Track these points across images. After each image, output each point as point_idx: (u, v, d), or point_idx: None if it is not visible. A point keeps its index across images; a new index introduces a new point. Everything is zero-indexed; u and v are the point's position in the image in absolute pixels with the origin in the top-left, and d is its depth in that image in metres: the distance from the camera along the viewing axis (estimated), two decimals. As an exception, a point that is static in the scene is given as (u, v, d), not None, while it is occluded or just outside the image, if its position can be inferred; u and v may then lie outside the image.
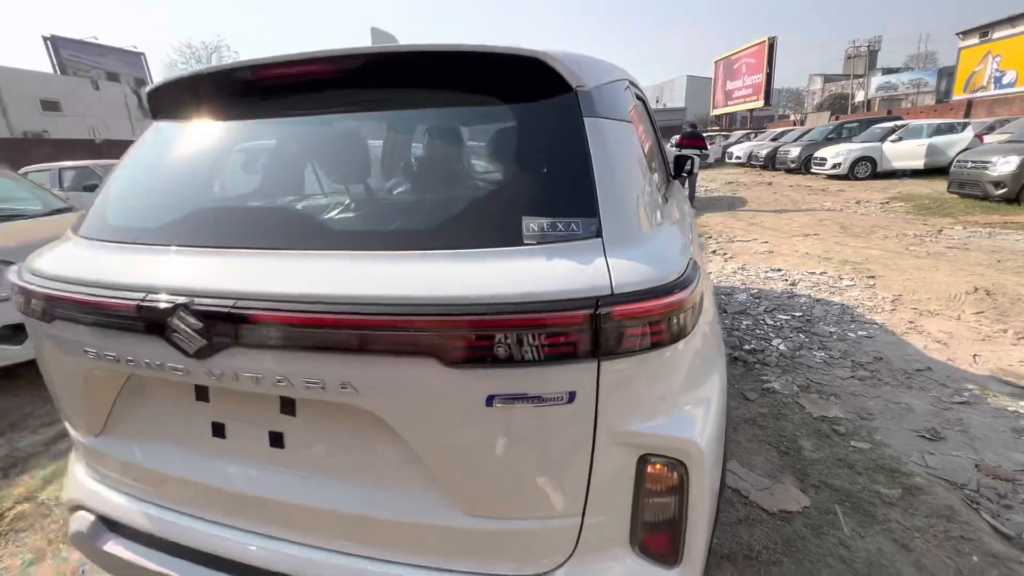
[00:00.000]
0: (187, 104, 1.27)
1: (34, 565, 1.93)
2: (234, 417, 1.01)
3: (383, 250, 0.88)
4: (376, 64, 1.05)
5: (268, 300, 0.82)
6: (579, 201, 0.88)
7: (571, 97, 0.97)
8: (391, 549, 0.94)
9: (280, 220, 1.16)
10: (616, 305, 0.77)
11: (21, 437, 2.87)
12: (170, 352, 0.90)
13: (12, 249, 3.34)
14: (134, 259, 1.03)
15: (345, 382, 0.82)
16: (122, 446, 1.14)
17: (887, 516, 1.93)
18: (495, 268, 0.81)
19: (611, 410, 0.82)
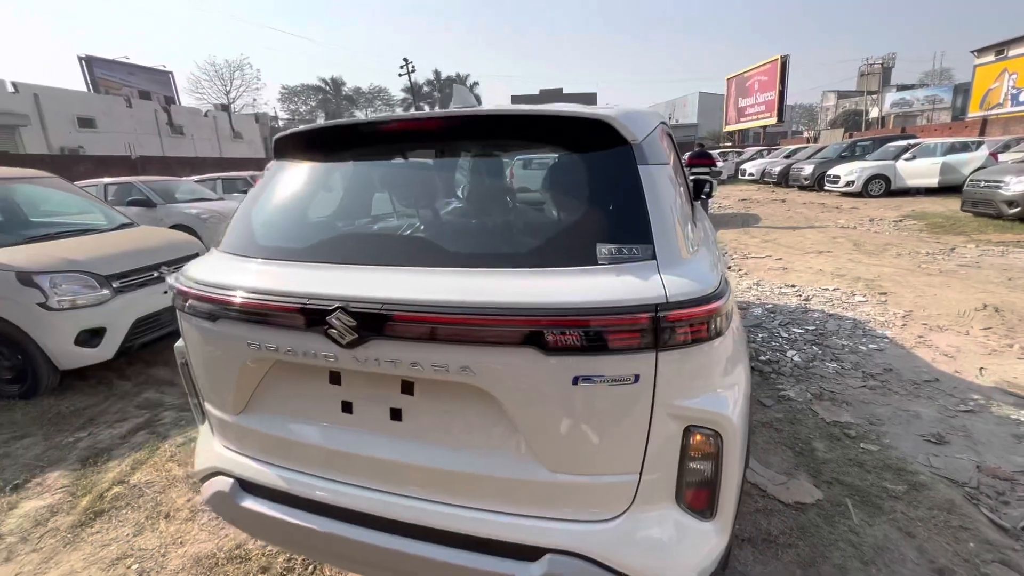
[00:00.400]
0: (307, 149, 1.58)
1: (139, 536, 2.22)
2: (361, 396, 1.29)
3: (494, 267, 1.16)
4: (472, 122, 1.35)
5: (414, 306, 1.11)
6: (638, 232, 1.15)
7: (629, 150, 1.25)
8: (488, 500, 1.20)
9: (408, 244, 1.45)
10: (670, 311, 1.04)
11: (99, 431, 3.18)
12: (325, 344, 1.18)
13: (92, 260, 3.71)
14: (286, 271, 1.32)
15: (465, 366, 1.10)
16: (261, 421, 1.42)
17: (893, 508, 2.14)
18: (578, 282, 1.09)
19: (665, 389, 1.08)
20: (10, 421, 3.30)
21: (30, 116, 23.28)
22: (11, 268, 3.39)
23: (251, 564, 2.01)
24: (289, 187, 1.58)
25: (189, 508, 2.38)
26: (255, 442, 1.45)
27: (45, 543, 2.20)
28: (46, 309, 3.41)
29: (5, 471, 2.75)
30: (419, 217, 1.66)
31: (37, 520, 2.35)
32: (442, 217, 1.63)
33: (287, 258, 1.38)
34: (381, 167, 1.58)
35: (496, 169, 1.65)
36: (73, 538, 2.23)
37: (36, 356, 3.49)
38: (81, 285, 3.58)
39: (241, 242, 1.51)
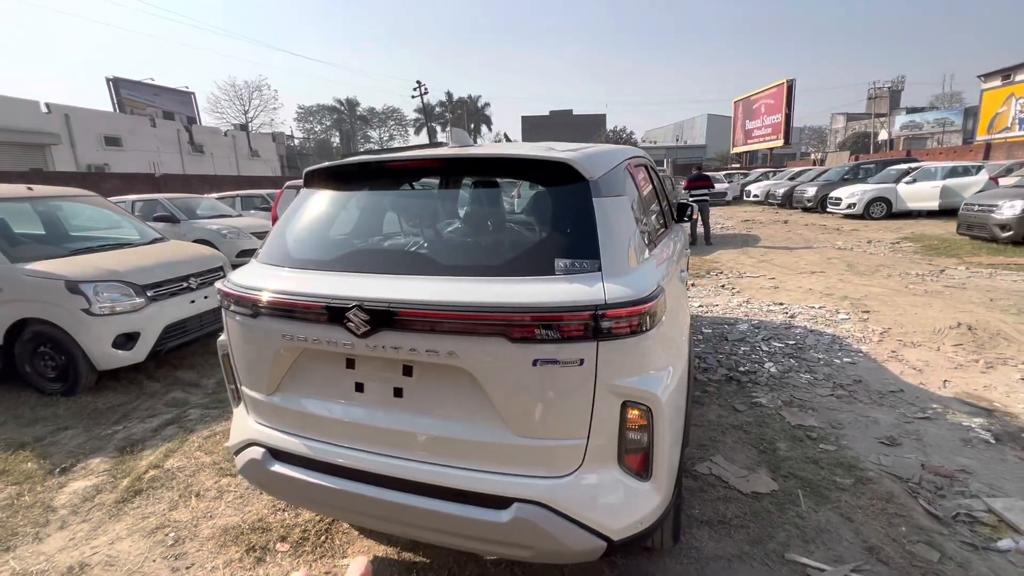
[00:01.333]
0: (330, 179, 1.95)
1: (173, 511, 2.54)
2: (371, 378, 1.62)
3: (476, 276, 1.50)
4: (463, 161, 1.70)
5: (414, 305, 1.44)
6: (588, 249, 1.48)
7: (586, 185, 1.59)
8: (469, 460, 1.50)
9: (411, 257, 1.80)
10: (608, 310, 1.36)
11: (133, 425, 3.53)
12: (344, 334, 1.52)
13: (130, 271, 4.11)
14: (313, 278, 1.67)
15: (452, 351, 1.42)
16: (289, 400, 1.75)
17: (838, 498, 2.40)
18: (538, 287, 1.41)
19: (605, 371, 1.39)
20: (54, 415, 3.66)
21: (60, 135, 24.39)
22: (61, 277, 3.80)
23: (271, 534, 2.31)
24: (316, 210, 1.94)
25: (217, 488, 2.70)
26: (284, 417, 1.77)
27: (93, 515, 2.53)
28: (89, 315, 3.80)
29: (53, 456, 3.09)
30: (420, 235, 2.00)
31: (84, 497, 2.68)
32: (438, 235, 1.98)
33: (314, 267, 1.73)
34: (389, 195, 1.95)
35: (481, 197, 2.01)
36: (117, 511, 2.55)
37: (78, 357, 3.87)
38: (120, 293, 3.98)
39: (277, 254, 1.87)
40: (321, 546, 2.23)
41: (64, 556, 2.25)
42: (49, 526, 2.47)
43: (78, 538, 2.37)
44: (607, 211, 1.57)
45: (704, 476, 2.62)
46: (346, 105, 66.58)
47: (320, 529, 2.32)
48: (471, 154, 1.69)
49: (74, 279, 3.81)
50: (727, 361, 4.15)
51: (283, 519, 2.42)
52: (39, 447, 3.21)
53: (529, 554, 1.50)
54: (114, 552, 2.26)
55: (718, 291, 6.75)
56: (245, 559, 2.17)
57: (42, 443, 3.26)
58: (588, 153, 1.71)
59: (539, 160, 1.62)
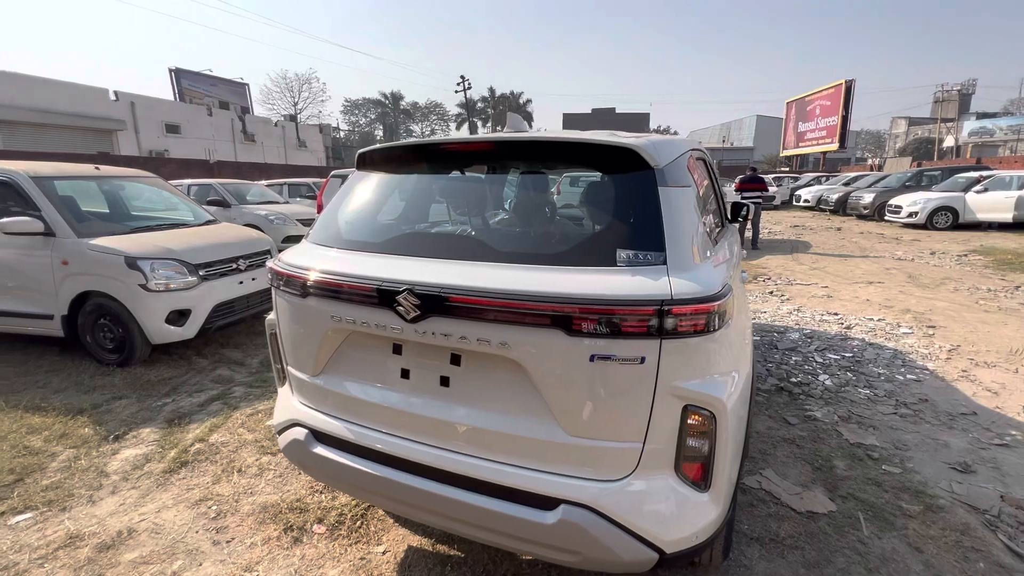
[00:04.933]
0: (383, 162, 1.92)
1: (216, 484, 2.59)
2: (417, 365, 1.57)
3: (534, 264, 1.43)
4: (521, 145, 1.63)
5: (468, 291, 1.38)
6: (653, 241, 1.38)
7: (651, 174, 1.49)
8: (516, 456, 1.44)
9: (464, 241, 1.75)
10: (674, 306, 1.27)
11: (181, 399, 3.65)
12: (393, 318, 1.48)
13: (184, 250, 4.25)
14: (364, 260, 1.64)
15: (504, 341, 1.36)
16: (334, 382, 1.74)
17: (905, 525, 2.21)
18: (600, 279, 1.33)
19: (667, 371, 1.29)
20: (110, 384, 3.84)
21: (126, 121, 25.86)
22: (121, 253, 3.96)
23: (308, 514, 2.32)
24: (368, 192, 1.91)
25: (258, 466, 2.74)
26: (328, 399, 1.76)
27: (142, 483, 2.62)
28: (145, 290, 3.95)
29: (108, 423, 3.23)
30: (472, 220, 1.95)
31: (135, 464, 2.78)
32: (493, 221, 1.92)
33: (365, 249, 1.70)
34: (442, 179, 1.90)
35: (541, 184, 1.93)
36: (164, 481, 2.63)
37: (134, 330, 4.04)
38: (175, 271, 4.12)
39: (328, 235, 1.85)
40: (356, 531, 2.23)
41: (114, 520, 2.32)
42: (102, 490, 2.56)
43: (128, 504, 2.45)
44: (673, 201, 1.47)
45: (754, 490, 2.47)
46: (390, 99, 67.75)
47: (356, 514, 2.32)
48: (529, 138, 1.62)
49: (133, 255, 3.97)
50: (777, 371, 3.94)
51: (320, 501, 2.43)
52: (96, 414, 3.35)
53: (574, 559, 1.42)
54: (160, 520, 2.32)
55: (766, 297, 6.45)
56: (283, 538, 2.19)
57: (99, 410, 3.41)
58: (654, 140, 1.60)
59: (603, 146, 1.53)
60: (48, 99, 22.42)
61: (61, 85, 23.44)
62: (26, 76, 22.21)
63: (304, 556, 2.09)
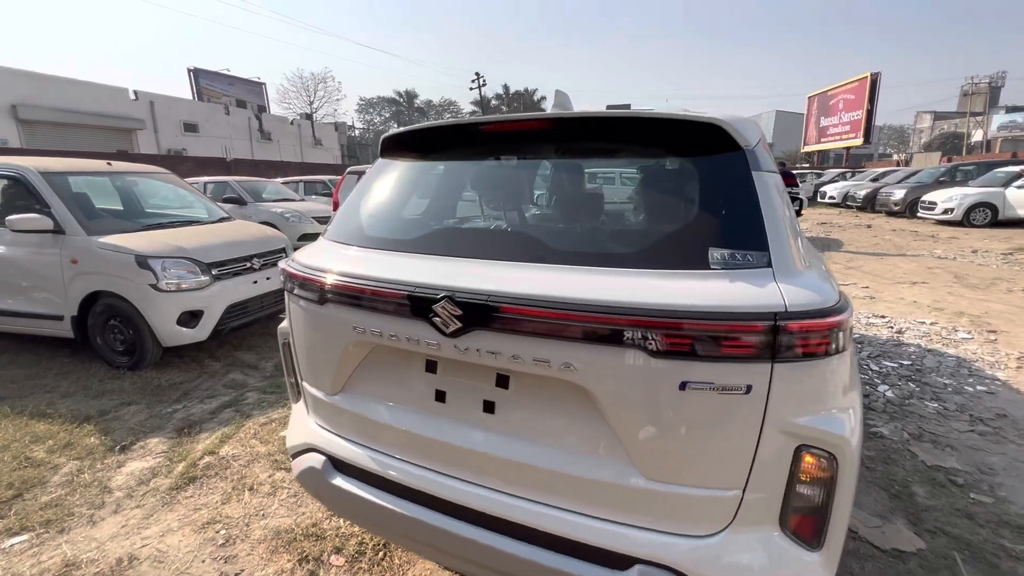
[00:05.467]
0: (412, 147, 1.66)
1: (226, 504, 2.37)
2: (455, 386, 1.32)
3: (602, 267, 1.16)
4: (578, 123, 1.36)
5: (522, 300, 1.12)
6: (752, 238, 1.11)
7: (742, 155, 1.21)
8: (578, 502, 1.18)
9: (515, 239, 1.49)
10: (790, 320, 0.99)
11: (192, 405, 3.45)
12: (428, 331, 1.22)
13: (196, 248, 4.06)
14: (393, 260, 1.38)
15: (568, 362, 1.10)
16: (356, 403, 1.49)
17: (1014, 570, 1.90)
18: (690, 285, 1.06)
19: (778, 403, 1.02)
20: (120, 388, 3.66)
21: (145, 120, 26.12)
22: (131, 251, 3.78)
23: (325, 543, 2.09)
24: (395, 182, 1.66)
25: (271, 483, 2.52)
26: (349, 422, 1.51)
27: (147, 501, 2.41)
28: (156, 290, 3.77)
29: (115, 432, 3.04)
30: (524, 214, 1.69)
31: (140, 479, 2.58)
32: (548, 215, 1.66)
33: (394, 248, 1.45)
34: (483, 166, 1.63)
35: (604, 171, 1.64)
36: (170, 499, 2.42)
37: (145, 332, 3.86)
38: (186, 270, 3.93)
39: (349, 231, 1.60)
40: (379, 564, 1.98)
41: (115, 545, 2.12)
42: (104, 508, 2.36)
43: (130, 525, 2.24)
44: (769, 189, 1.19)
45: (826, 522, 2.17)
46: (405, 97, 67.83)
47: (379, 543, 2.08)
48: (591, 115, 1.34)
49: (143, 254, 3.79)
50: (830, 380, 3.61)
51: (338, 526, 2.19)
52: (103, 421, 3.17)
53: (653, 633, 1.15)
54: (164, 546, 2.11)
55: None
56: (297, 570, 1.96)
57: (106, 417, 3.23)
58: (738, 118, 1.32)
59: (683, 121, 1.25)
60: (69, 98, 22.70)
61: (82, 85, 23.73)
62: (47, 76, 22.51)
63: (321, 594, 1.85)
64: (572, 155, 1.51)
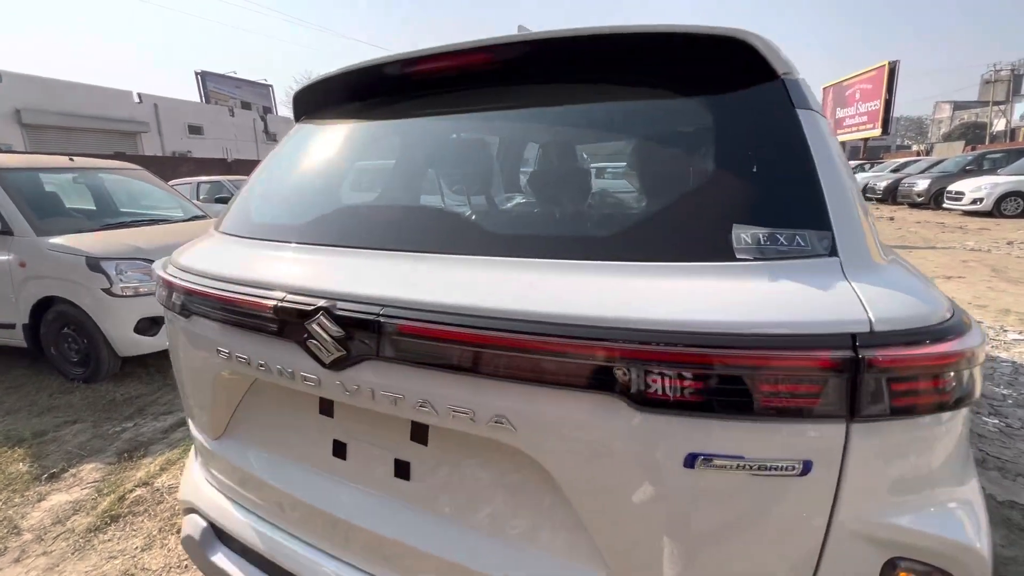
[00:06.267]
0: (331, 104, 1.25)
1: (147, 551, 1.99)
2: (358, 438, 0.91)
3: (554, 258, 0.73)
4: (539, 53, 0.93)
5: (418, 310, 0.71)
6: (805, 209, 0.68)
7: (779, 86, 0.78)
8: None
9: (430, 221, 1.07)
10: (880, 348, 0.56)
11: (145, 423, 3.09)
12: (304, 360, 0.81)
13: (156, 248, 3.70)
14: (272, 256, 0.98)
15: (500, 416, 0.68)
16: (239, 453, 1.09)
17: None
18: (701, 288, 0.63)
19: (858, 491, 0.59)
20: (68, 404, 3.31)
21: (149, 123, 26.10)
22: (82, 253, 3.43)
23: (251, 608, 1.69)
24: (304, 152, 1.25)
25: (203, 524, 2.13)
26: (232, 477, 1.11)
27: (57, 546, 2.04)
28: (110, 295, 3.41)
29: (49, 457, 2.69)
30: (451, 187, 1.26)
31: (58, 517, 2.21)
32: (495, 188, 1.23)
33: (280, 237, 1.03)
34: (411, 125, 1.20)
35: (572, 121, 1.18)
36: (84, 544, 2.04)
37: (99, 341, 3.51)
38: (145, 273, 3.57)
39: (238, 218, 1.19)
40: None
41: (1, 607, 1.74)
42: (6, 555, 1.99)
43: (28, 580, 1.86)
44: (823, 136, 0.76)
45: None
46: (412, 96, 67.69)
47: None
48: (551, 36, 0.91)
49: (95, 256, 3.43)
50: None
51: (271, 584, 1.79)
52: (38, 444, 2.82)
53: None
54: (58, 610, 1.72)
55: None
56: (209, 647, 1.55)
57: (43, 439, 2.88)
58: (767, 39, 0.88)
59: (690, 37, 0.81)
60: (74, 102, 22.69)
61: (86, 88, 23.70)
62: (52, 80, 22.52)
63: None
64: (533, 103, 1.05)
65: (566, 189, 1.09)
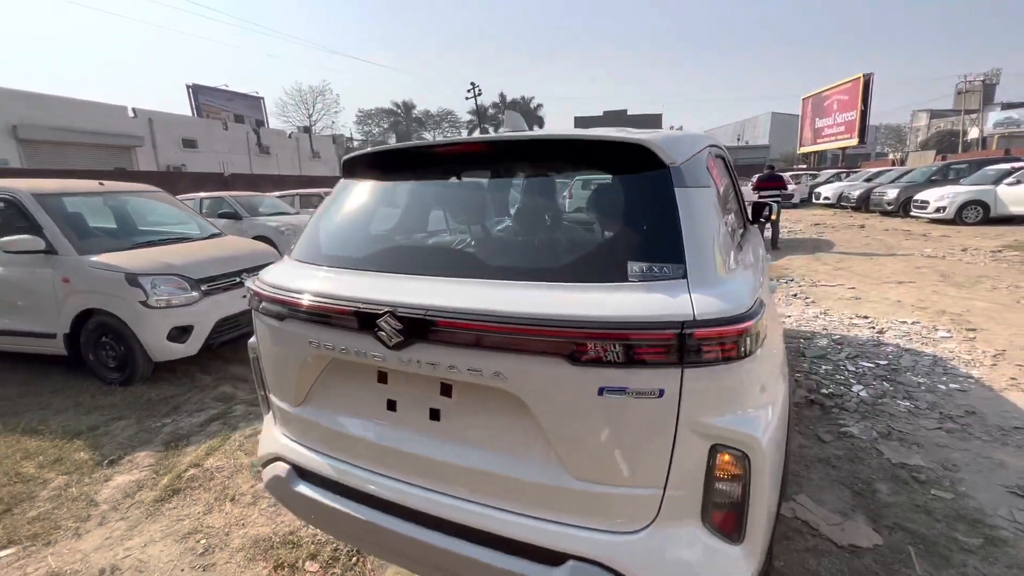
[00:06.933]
0: (370, 168, 1.75)
1: (208, 515, 2.44)
2: (404, 396, 1.40)
3: (528, 280, 1.24)
4: (519, 145, 1.45)
5: (449, 312, 1.21)
6: (670, 251, 1.19)
7: (666, 173, 1.30)
8: (516, 502, 1.25)
9: (452, 256, 1.58)
10: (697, 328, 1.07)
11: (181, 419, 3.53)
12: (375, 345, 1.31)
13: (184, 264, 4.16)
14: (344, 278, 1.47)
15: (498, 371, 1.18)
16: (316, 414, 1.57)
17: (964, 562, 1.96)
18: (607, 297, 1.14)
19: (690, 405, 1.10)
20: (111, 404, 3.74)
21: (144, 138, 26.41)
22: (121, 269, 3.88)
23: (301, 550, 2.16)
24: (352, 203, 1.75)
25: (252, 494, 2.59)
26: (311, 432, 1.59)
27: (131, 513, 2.48)
28: (146, 307, 3.86)
29: (104, 447, 3.12)
30: (466, 232, 1.78)
31: (126, 492, 2.65)
32: (487, 233, 1.75)
33: (347, 266, 1.53)
34: (434, 186, 1.73)
35: (538, 189, 1.73)
36: (154, 511, 2.49)
37: (136, 348, 3.95)
38: (176, 287, 4.03)
39: (309, 251, 1.69)
40: (351, 569, 2.05)
41: (98, 556, 2.19)
42: (90, 521, 2.44)
43: (114, 537, 2.31)
44: (692, 204, 1.27)
45: (788, 519, 2.23)
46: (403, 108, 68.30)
47: (352, 551, 2.14)
48: (527, 137, 1.44)
49: (133, 272, 3.89)
50: (807, 381, 3.68)
51: (315, 535, 2.26)
52: (93, 436, 3.25)
53: (585, 625, 1.22)
54: (145, 556, 2.18)
55: (790, 300, 6.15)
56: (273, 577, 2.02)
57: (96, 432, 3.31)
58: (668, 136, 1.41)
59: (610, 142, 1.34)
60: (68, 118, 22.97)
61: (80, 104, 24.01)
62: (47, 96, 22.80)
63: (294, 599, 1.92)
64: (513, 175, 1.60)
65: (534, 238, 1.63)
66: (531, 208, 1.71)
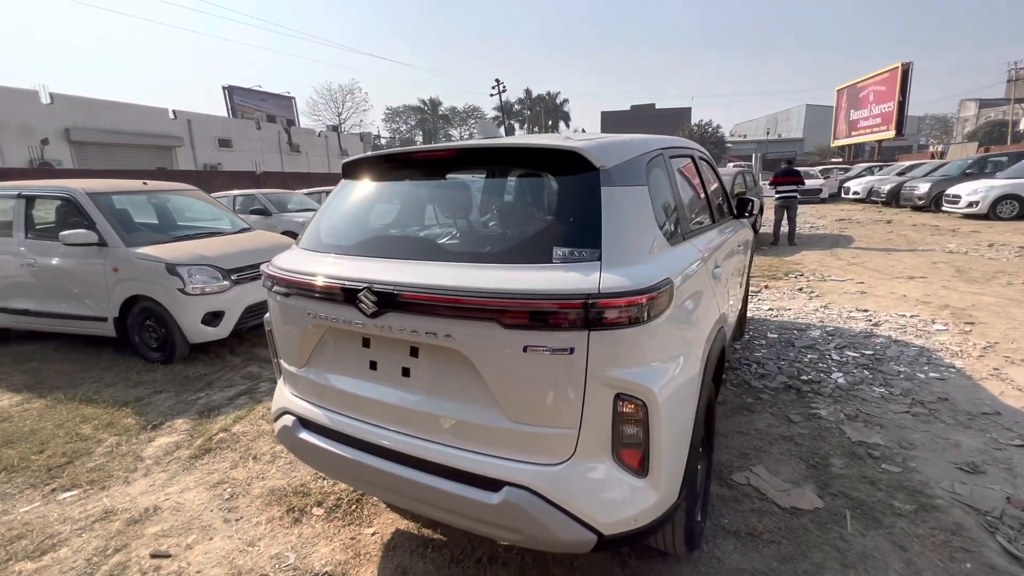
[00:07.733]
0: (365, 171, 2.08)
1: (233, 469, 2.83)
2: (383, 357, 1.71)
3: (475, 262, 1.54)
4: (479, 151, 1.75)
5: (413, 287, 1.51)
6: (590, 239, 1.46)
7: (595, 174, 1.57)
8: (466, 441, 1.55)
9: (418, 242, 1.89)
10: (600, 299, 1.34)
11: (214, 393, 3.96)
12: (357, 315, 1.62)
13: (216, 256, 4.61)
14: (335, 261, 1.80)
15: (448, 333, 1.48)
16: (315, 374, 1.90)
17: (893, 524, 2.16)
18: (533, 275, 1.42)
19: (596, 360, 1.37)
20: (153, 379, 4.22)
21: (183, 138, 27.80)
22: (162, 260, 4.35)
23: (310, 498, 2.52)
24: (347, 199, 2.08)
25: (271, 454, 2.98)
26: (312, 389, 1.93)
27: (171, 467, 2.90)
28: (183, 294, 4.32)
29: (148, 414, 3.57)
30: (434, 223, 2.08)
31: (166, 451, 3.08)
32: (450, 223, 2.04)
33: (339, 252, 1.86)
34: (410, 185, 2.04)
35: (493, 188, 2.03)
36: (189, 466, 2.90)
37: (174, 331, 4.42)
38: (209, 276, 4.48)
39: (312, 240, 2.03)
40: (351, 514, 2.40)
41: (143, 499, 2.60)
42: (136, 472, 2.86)
43: (156, 485, 2.72)
44: (617, 201, 1.54)
45: (740, 486, 2.46)
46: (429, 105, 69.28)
47: (352, 499, 2.49)
48: (485, 145, 1.73)
49: (172, 262, 4.35)
50: (788, 368, 3.85)
51: (322, 486, 2.62)
52: (139, 406, 3.71)
53: (518, 538, 1.52)
54: (182, 500, 2.58)
55: (794, 294, 6.24)
56: (285, 518, 2.39)
57: (141, 403, 3.77)
58: (603, 143, 1.68)
59: (547, 149, 1.62)
60: (115, 120, 24.43)
61: (126, 107, 25.48)
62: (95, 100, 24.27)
63: (301, 534, 2.28)
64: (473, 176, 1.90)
65: (485, 228, 1.93)
66: (486, 203, 2.01)
